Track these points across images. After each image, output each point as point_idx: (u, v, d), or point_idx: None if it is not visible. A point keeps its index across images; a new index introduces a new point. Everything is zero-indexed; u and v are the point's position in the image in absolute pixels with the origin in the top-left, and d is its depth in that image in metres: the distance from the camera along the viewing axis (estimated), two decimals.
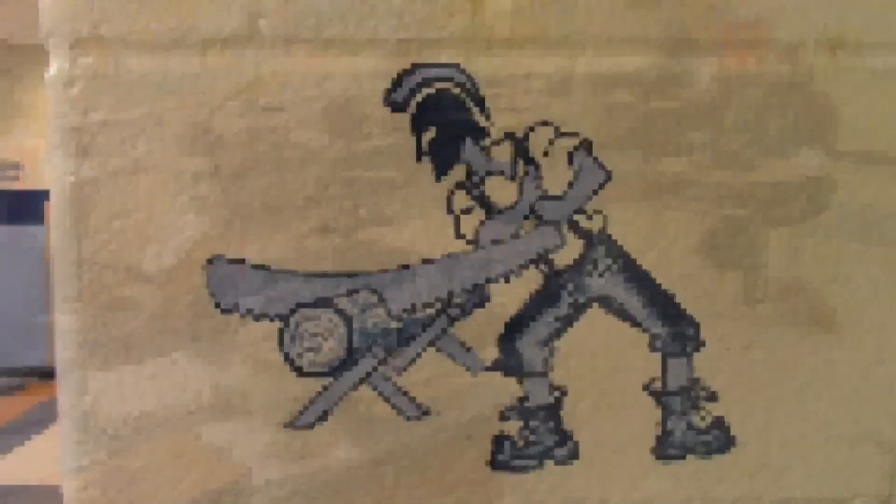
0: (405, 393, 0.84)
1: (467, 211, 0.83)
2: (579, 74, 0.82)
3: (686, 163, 0.83)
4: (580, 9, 0.82)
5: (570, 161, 0.82)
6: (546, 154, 0.83)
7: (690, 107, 0.83)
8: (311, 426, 0.85)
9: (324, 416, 0.84)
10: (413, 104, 0.83)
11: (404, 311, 0.84)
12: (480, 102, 0.82)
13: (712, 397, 0.84)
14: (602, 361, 0.84)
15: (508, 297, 0.84)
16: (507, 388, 0.85)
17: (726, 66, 0.83)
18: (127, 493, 0.84)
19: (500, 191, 0.83)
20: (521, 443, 0.85)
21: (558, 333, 0.84)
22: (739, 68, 0.83)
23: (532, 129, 0.82)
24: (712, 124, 0.83)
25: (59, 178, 0.84)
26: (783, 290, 0.84)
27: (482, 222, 0.83)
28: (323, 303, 0.84)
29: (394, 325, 0.84)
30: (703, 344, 0.84)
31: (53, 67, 0.83)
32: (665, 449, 0.85)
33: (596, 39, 0.83)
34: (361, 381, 0.84)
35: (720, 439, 0.85)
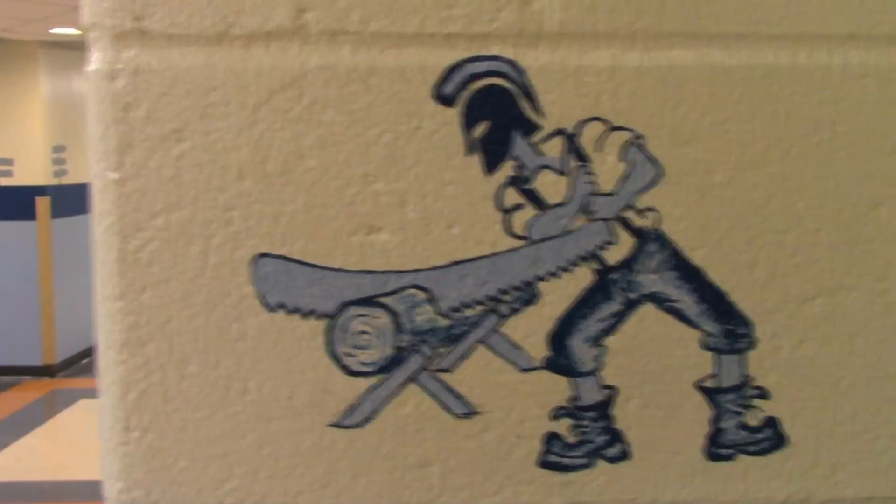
0: (453, 391, 0.83)
1: (517, 207, 0.82)
2: (631, 69, 0.81)
3: (738, 159, 0.82)
4: (630, 2, 0.81)
5: (623, 157, 0.81)
6: (597, 149, 0.81)
7: (743, 102, 0.82)
8: (357, 426, 0.83)
9: (371, 416, 0.83)
10: (462, 99, 0.81)
11: (453, 308, 0.83)
12: (530, 97, 0.81)
13: (764, 395, 0.83)
14: (653, 359, 0.83)
15: (558, 295, 0.83)
16: (556, 387, 0.83)
17: (780, 60, 0.82)
18: (171, 493, 0.83)
19: (551, 187, 0.82)
20: (570, 442, 0.84)
21: (609, 331, 0.83)
22: (792, 63, 0.82)
23: (583, 123, 0.81)
24: (764, 119, 0.82)
25: (100, 174, 0.82)
26: (835, 288, 0.83)
27: (532, 219, 0.82)
28: (371, 301, 0.82)
29: (442, 322, 0.83)
30: (756, 342, 0.83)
31: (95, 61, 0.82)
32: (716, 448, 0.84)
33: (646, 33, 0.81)
34: (409, 379, 0.83)
35: (772, 438, 0.84)
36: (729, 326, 0.83)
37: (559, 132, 0.82)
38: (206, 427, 0.83)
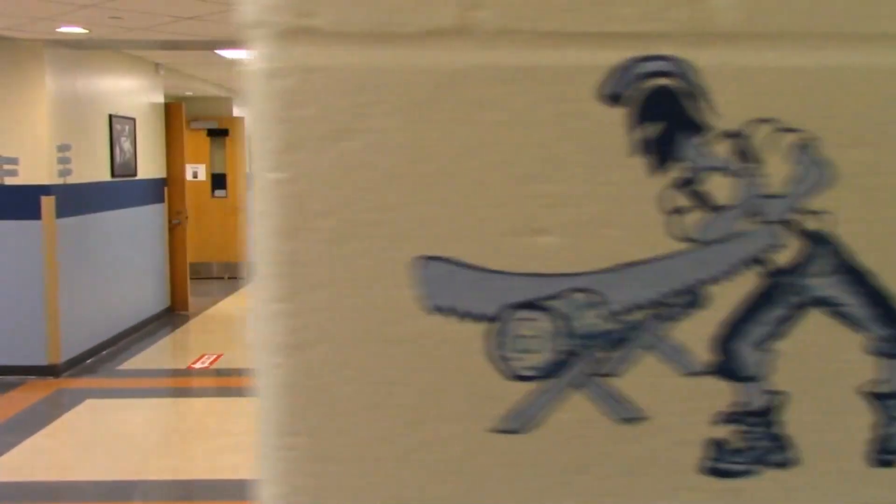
0: (617, 396, 0.82)
1: (683, 210, 0.81)
2: (801, 69, 0.80)
3: None
4: (803, 1, 0.80)
5: (793, 159, 0.80)
6: (767, 151, 0.80)
7: None
8: (518, 431, 0.82)
9: (532, 421, 0.82)
10: (629, 99, 0.80)
11: (617, 312, 0.82)
12: (700, 97, 0.80)
13: None
14: (818, 364, 0.82)
15: (724, 299, 0.82)
16: (721, 392, 0.82)
17: None
18: (332, 498, 0.82)
19: (718, 189, 0.81)
20: (734, 447, 0.82)
21: (774, 335, 0.82)
22: None
23: (752, 124, 0.80)
24: None
25: (262, 175, 0.81)
26: None
27: (698, 221, 0.81)
28: (534, 304, 0.81)
29: (607, 326, 0.82)
30: None
31: (258, 59, 0.80)
32: (881, 454, 0.83)
33: (817, 33, 0.80)
34: (572, 384, 0.82)
35: None
36: None
37: (728, 133, 0.80)
38: (367, 431, 0.82)
